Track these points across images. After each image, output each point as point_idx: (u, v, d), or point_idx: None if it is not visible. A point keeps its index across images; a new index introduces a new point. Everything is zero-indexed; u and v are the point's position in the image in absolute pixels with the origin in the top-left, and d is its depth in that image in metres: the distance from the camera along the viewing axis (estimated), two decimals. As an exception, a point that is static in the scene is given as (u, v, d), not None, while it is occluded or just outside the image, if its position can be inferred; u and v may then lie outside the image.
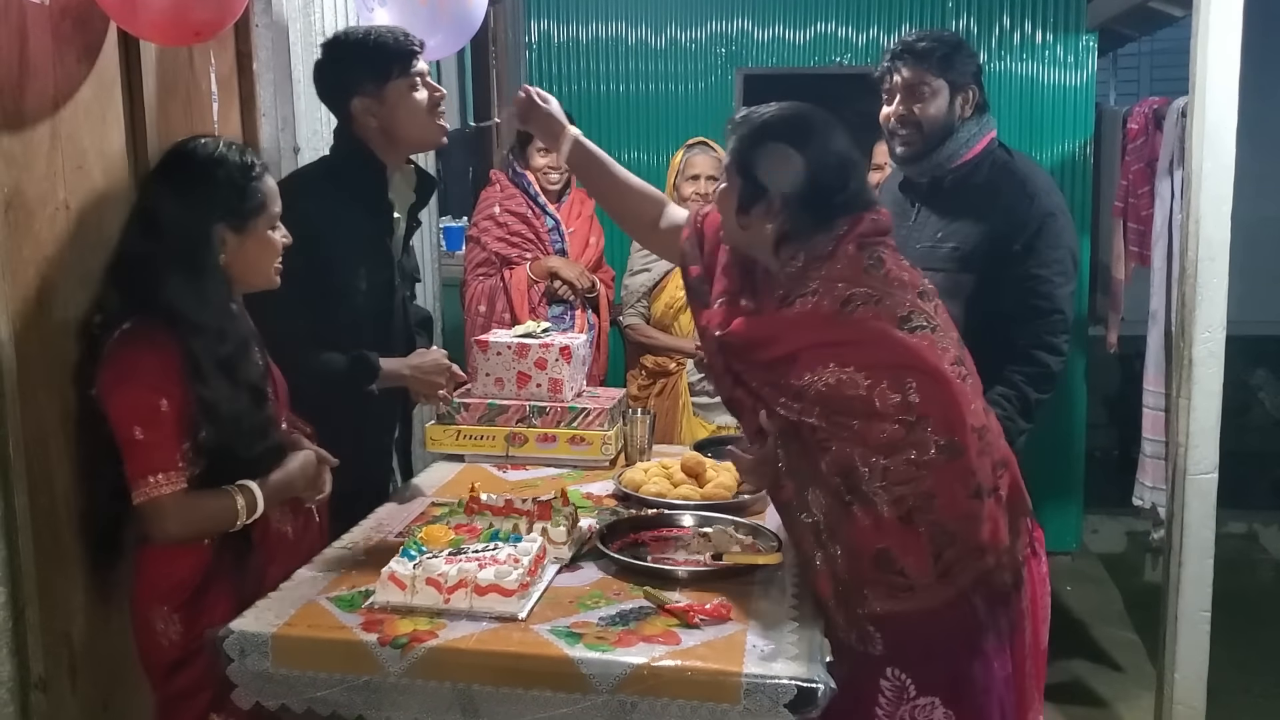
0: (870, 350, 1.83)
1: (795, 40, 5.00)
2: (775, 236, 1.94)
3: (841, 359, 1.82)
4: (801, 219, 1.92)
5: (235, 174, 1.94)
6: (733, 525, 2.17)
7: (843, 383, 1.81)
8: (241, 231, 1.96)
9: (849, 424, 1.81)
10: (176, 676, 1.90)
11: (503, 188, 3.82)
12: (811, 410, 1.84)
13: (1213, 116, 2.87)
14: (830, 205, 1.91)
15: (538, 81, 5.05)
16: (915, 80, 2.58)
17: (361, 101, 2.40)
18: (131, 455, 1.85)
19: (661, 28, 5.01)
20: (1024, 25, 4.84)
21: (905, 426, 1.79)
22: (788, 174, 1.91)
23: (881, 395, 1.80)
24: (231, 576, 1.94)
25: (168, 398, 1.84)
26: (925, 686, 1.81)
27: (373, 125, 2.41)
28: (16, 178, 1.94)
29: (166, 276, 1.88)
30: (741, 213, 1.97)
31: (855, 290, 1.86)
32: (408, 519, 2.31)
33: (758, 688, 1.59)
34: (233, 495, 1.91)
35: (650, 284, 3.78)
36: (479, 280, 3.79)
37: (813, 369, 1.84)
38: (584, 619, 1.79)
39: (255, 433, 1.96)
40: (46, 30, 2.02)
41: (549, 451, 2.70)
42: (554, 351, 2.76)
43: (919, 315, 1.86)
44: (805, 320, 1.87)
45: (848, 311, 1.84)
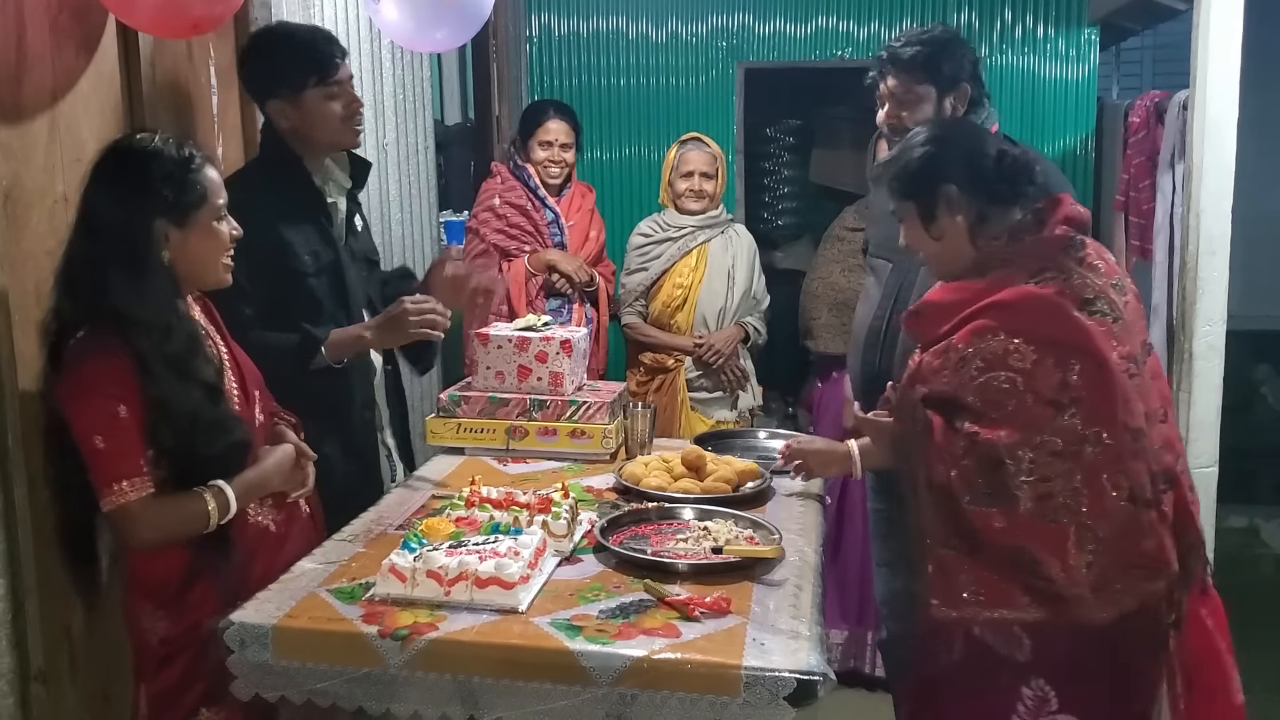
0: (1043, 324, 1.83)
1: (796, 34, 5.00)
2: (969, 225, 1.98)
3: (1012, 328, 1.84)
4: (982, 191, 1.96)
5: (172, 167, 1.88)
6: (733, 519, 2.17)
7: (1008, 353, 1.82)
8: (184, 226, 1.89)
9: (1004, 405, 1.81)
10: (165, 672, 1.89)
11: (503, 180, 3.82)
12: (970, 384, 1.84)
13: (1213, 110, 2.87)
14: (1002, 172, 1.96)
15: (538, 75, 5.05)
16: (900, 88, 2.58)
17: (277, 104, 2.41)
18: (96, 464, 1.81)
19: (662, 22, 5.01)
20: (1025, 19, 4.84)
21: (1056, 409, 1.78)
22: (945, 159, 1.99)
23: (1043, 371, 1.80)
24: (214, 573, 1.91)
25: (126, 404, 1.80)
26: (1069, 704, 1.80)
27: (285, 126, 2.43)
28: (15, 170, 1.94)
29: (110, 277, 1.82)
30: (929, 224, 2.02)
31: (1046, 266, 1.89)
32: (408, 512, 2.31)
33: (757, 680, 1.59)
34: (203, 497, 1.87)
35: (648, 283, 3.78)
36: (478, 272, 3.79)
37: (981, 335, 1.85)
38: (584, 611, 1.79)
39: (213, 429, 1.90)
40: (44, 23, 2.01)
41: (549, 445, 2.70)
42: (554, 345, 2.75)
43: (1104, 301, 1.85)
44: (990, 287, 1.90)
45: (1033, 281, 1.87)
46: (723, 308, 3.74)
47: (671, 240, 3.75)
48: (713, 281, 3.74)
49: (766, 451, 2.76)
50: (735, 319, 3.77)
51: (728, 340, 3.72)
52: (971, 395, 1.85)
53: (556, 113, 3.82)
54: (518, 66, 5.02)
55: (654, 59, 5.03)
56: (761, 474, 2.44)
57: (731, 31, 5.01)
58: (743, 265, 3.79)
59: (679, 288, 3.74)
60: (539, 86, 5.05)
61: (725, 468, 2.43)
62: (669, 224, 3.77)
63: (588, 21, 5.03)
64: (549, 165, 3.79)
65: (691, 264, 3.75)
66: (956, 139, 2.06)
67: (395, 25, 3.05)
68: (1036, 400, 1.80)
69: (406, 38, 3.13)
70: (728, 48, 5.01)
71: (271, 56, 2.41)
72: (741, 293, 3.78)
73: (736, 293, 3.77)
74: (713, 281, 3.74)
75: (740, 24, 5.00)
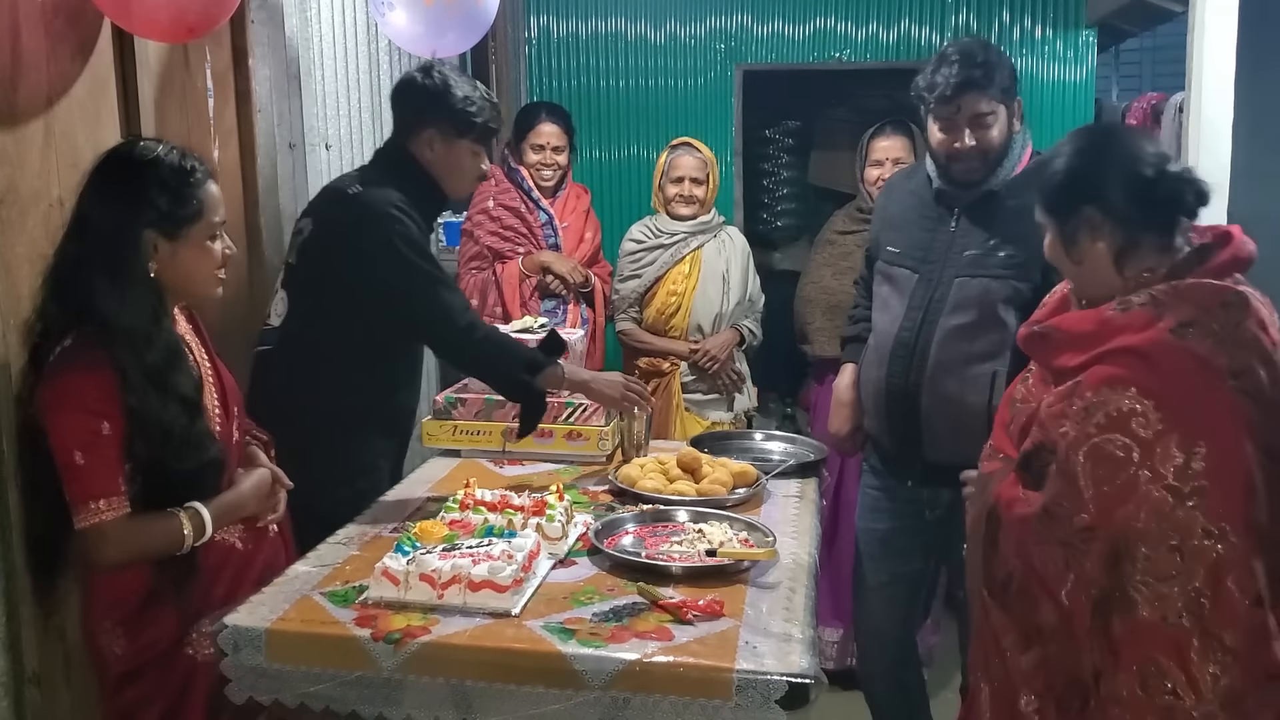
0: (1180, 388, 1.61)
1: (795, 36, 5.00)
2: (1114, 252, 1.76)
3: (1144, 384, 1.61)
4: (1130, 217, 1.74)
5: (169, 178, 1.85)
6: (728, 521, 2.17)
7: (1134, 414, 1.61)
8: (175, 239, 1.87)
9: (1113, 478, 1.61)
10: (125, 690, 1.87)
11: (497, 182, 3.82)
12: (1085, 442, 1.64)
13: (1208, 112, 2.87)
14: (1158, 195, 1.73)
15: (537, 77, 5.05)
16: (983, 110, 2.46)
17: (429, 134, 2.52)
18: (71, 480, 1.78)
19: (661, 23, 5.01)
20: (1023, 20, 4.84)
21: (1174, 496, 1.57)
22: (1091, 176, 1.78)
23: (1165, 447, 1.58)
24: (175, 592, 1.88)
25: (109, 420, 1.78)
26: None
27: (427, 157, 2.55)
28: (10, 175, 1.94)
29: (94, 283, 1.80)
30: (1071, 247, 1.81)
31: (1196, 319, 1.63)
32: (402, 514, 2.31)
33: (750, 684, 1.59)
34: (179, 518, 1.85)
35: (642, 289, 3.77)
36: (471, 274, 3.79)
37: (1110, 384, 1.64)
38: (577, 615, 1.79)
39: (188, 445, 1.87)
40: (39, 26, 2.01)
41: (545, 447, 2.70)
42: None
43: (1250, 379, 1.60)
44: (1129, 324, 1.67)
45: (1178, 334, 1.62)
46: (718, 313, 3.73)
47: (664, 247, 3.74)
48: (707, 287, 3.73)
49: (762, 453, 2.77)
50: (730, 322, 3.77)
51: (724, 345, 3.72)
52: (1085, 454, 1.64)
53: (549, 115, 3.82)
54: (516, 68, 5.03)
55: (652, 61, 5.03)
56: (757, 476, 2.44)
57: (730, 33, 5.01)
58: (737, 269, 3.79)
59: (673, 295, 3.73)
60: (538, 88, 5.05)
61: (721, 470, 2.43)
62: (661, 230, 3.76)
63: (586, 23, 5.03)
64: (541, 168, 3.79)
65: (685, 270, 3.73)
66: (1108, 152, 1.80)
67: (403, 31, 3.06)
68: (1154, 480, 1.59)
69: (413, 43, 3.15)
70: (726, 49, 5.01)
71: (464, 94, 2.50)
72: (736, 297, 3.77)
73: (731, 297, 3.76)
74: (707, 287, 3.73)
75: (738, 26, 5.00)
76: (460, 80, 2.53)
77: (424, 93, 2.52)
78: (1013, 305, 2.44)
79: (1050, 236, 1.87)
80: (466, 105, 2.50)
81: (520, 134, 3.83)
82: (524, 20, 5.03)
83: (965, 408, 2.45)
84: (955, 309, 2.50)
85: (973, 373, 2.47)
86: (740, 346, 3.80)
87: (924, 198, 2.66)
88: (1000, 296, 2.46)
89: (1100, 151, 1.82)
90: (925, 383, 2.52)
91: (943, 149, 2.54)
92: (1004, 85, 2.48)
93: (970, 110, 2.46)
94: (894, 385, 2.57)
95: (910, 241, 2.63)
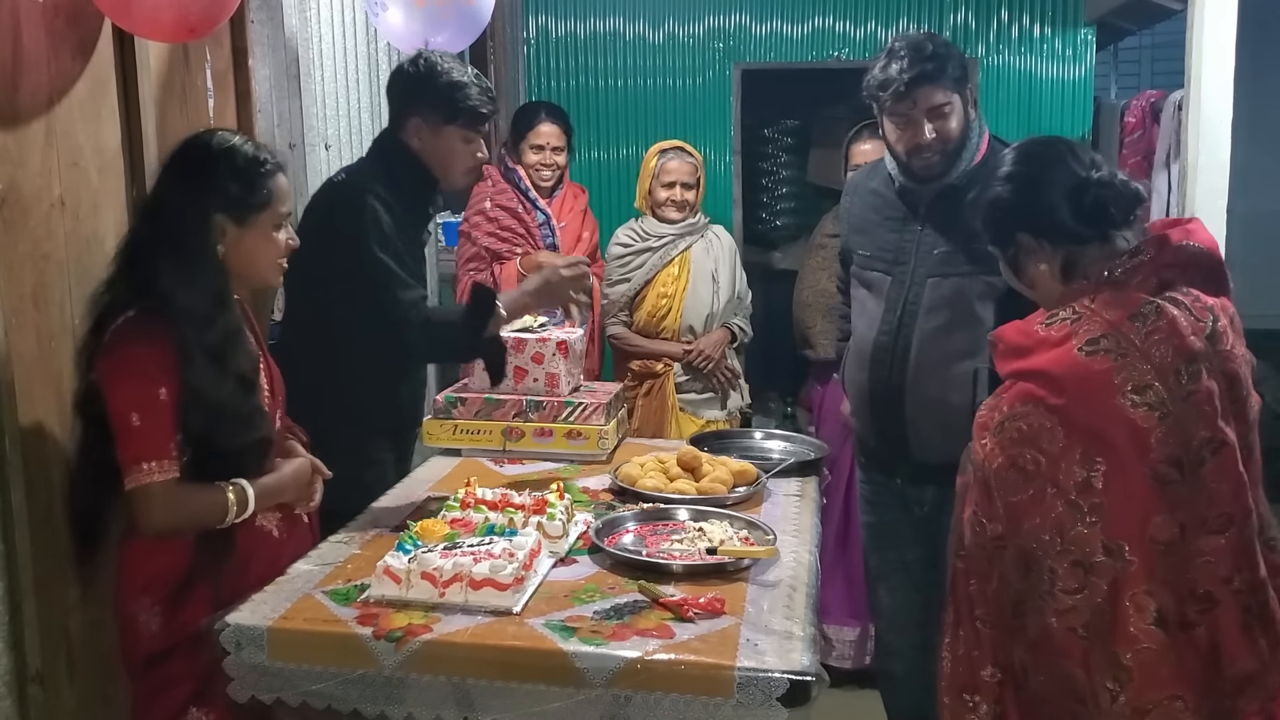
0: (1079, 407, 1.67)
1: (793, 35, 4.99)
2: (1057, 270, 1.82)
3: (1052, 401, 1.68)
4: (1062, 237, 1.80)
5: (242, 166, 1.94)
6: (728, 519, 2.17)
7: (1043, 430, 1.68)
8: (243, 224, 1.95)
9: (1023, 489, 1.68)
10: (155, 669, 1.90)
11: (494, 182, 3.82)
12: (999, 454, 1.72)
13: (1208, 110, 2.88)
14: (1083, 211, 1.78)
15: (535, 77, 5.05)
16: (939, 101, 2.46)
17: (417, 123, 2.49)
18: (126, 441, 1.84)
19: (659, 23, 5.01)
20: (1022, 19, 4.84)
21: (1076, 512, 1.64)
22: (1016, 205, 1.85)
23: (1068, 464, 1.65)
24: (213, 572, 1.93)
25: (166, 387, 1.85)
26: None
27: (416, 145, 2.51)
28: (11, 174, 1.94)
29: (163, 261, 1.88)
30: (1019, 273, 1.89)
31: (1107, 334, 1.69)
32: (404, 513, 2.31)
33: (751, 681, 1.59)
34: (225, 491, 1.91)
35: (631, 293, 3.77)
36: (469, 275, 3.79)
37: (1024, 399, 1.71)
38: (578, 613, 1.79)
39: (240, 422, 1.94)
40: (40, 27, 2.02)
41: (546, 446, 2.70)
42: (550, 346, 2.76)
43: (1157, 391, 1.64)
44: (1045, 341, 1.74)
45: (1085, 351, 1.68)
46: (710, 313, 3.74)
47: (651, 250, 3.73)
48: (698, 287, 3.73)
49: (763, 452, 2.77)
50: (721, 321, 3.77)
51: (716, 344, 3.73)
52: (998, 466, 1.72)
53: (548, 115, 3.81)
54: (515, 68, 5.03)
55: (651, 60, 5.03)
56: (757, 475, 2.44)
57: (728, 33, 5.00)
58: (725, 268, 3.79)
59: (664, 297, 3.72)
60: (536, 88, 5.05)
61: (721, 468, 2.44)
62: (648, 233, 3.76)
63: (584, 23, 5.02)
64: (540, 169, 3.79)
65: (674, 273, 3.73)
66: (1031, 177, 1.84)
67: (399, 29, 3.07)
68: (1058, 494, 1.65)
69: (410, 42, 3.15)
70: (724, 49, 5.01)
71: (449, 80, 2.47)
72: (726, 295, 3.77)
73: (722, 296, 3.76)
74: (698, 287, 3.73)
75: (737, 25, 5.00)
76: (450, 66, 2.50)
77: (409, 79, 2.51)
78: (988, 299, 2.45)
79: (1004, 268, 1.95)
80: (452, 91, 2.46)
81: (519, 134, 3.83)
82: (522, 20, 5.03)
83: (949, 407, 2.46)
84: (931, 310, 2.52)
85: (954, 372, 2.49)
86: (732, 344, 3.81)
87: (887, 197, 2.66)
88: (974, 293, 2.47)
89: (1024, 178, 1.86)
90: (908, 385, 2.53)
91: (902, 145, 2.53)
92: (956, 75, 2.48)
93: (926, 103, 2.46)
94: (876, 388, 2.59)
95: (879, 243, 2.63)
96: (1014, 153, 1.94)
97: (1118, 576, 1.62)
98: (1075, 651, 1.65)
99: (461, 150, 2.53)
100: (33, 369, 2.01)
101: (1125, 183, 1.81)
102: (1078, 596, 1.64)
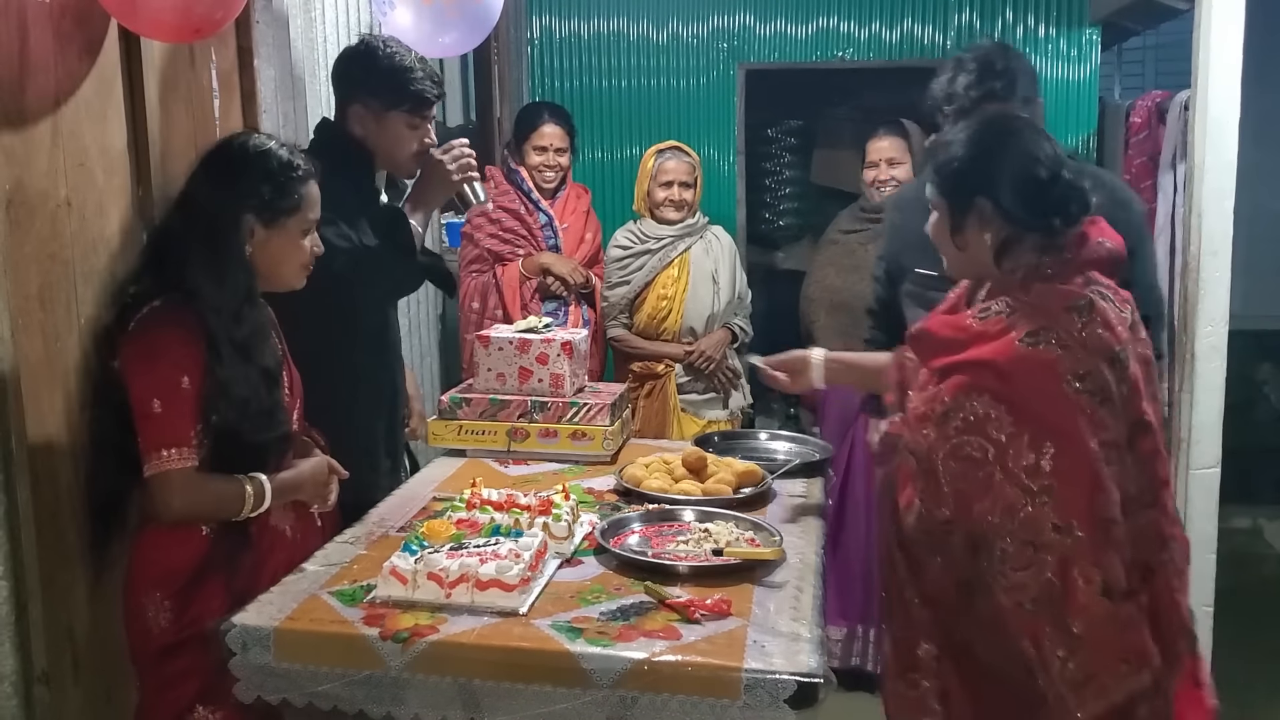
0: (1028, 395, 1.73)
1: (797, 35, 4.99)
2: (995, 246, 1.86)
3: (996, 391, 1.74)
4: (1016, 217, 1.83)
5: (275, 169, 1.98)
6: (734, 521, 2.17)
7: (989, 419, 1.73)
8: (270, 226, 1.99)
9: (973, 475, 1.73)
10: (164, 664, 1.91)
11: (497, 184, 3.82)
12: (944, 444, 1.76)
13: (1215, 110, 2.87)
14: (1050, 199, 1.82)
15: (539, 77, 5.06)
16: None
17: (359, 110, 2.48)
18: (146, 428, 1.87)
19: (663, 23, 5.01)
20: (1026, 19, 4.84)
21: (1026, 495, 1.71)
22: (990, 168, 1.86)
23: (1016, 449, 1.71)
24: (226, 568, 1.95)
25: (189, 376, 1.88)
26: None
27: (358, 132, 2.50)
28: (17, 175, 1.94)
29: (193, 255, 1.92)
30: (957, 232, 1.90)
31: (1045, 326, 1.75)
32: (409, 514, 2.31)
33: (758, 683, 1.59)
34: (242, 483, 1.94)
35: (631, 296, 3.77)
36: (472, 277, 3.79)
37: (966, 391, 1.76)
38: (585, 614, 1.79)
39: (263, 417, 1.98)
40: (47, 27, 2.02)
41: (550, 447, 2.70)
42: (555, 347, 2.76)
43: (1095, 379, 1.73)
44: (983, 335, 1.79)
45: (1028, 343, 1.75)
46: (710, 313, 3.74)
47: (651, 252, 3.73)
48: (698, 289, 3.73)
49: (768, 453, 2.77)
50: (722, 322, 3.77)
51: (717, 345, 3.73)
52: (944, 455, 1.77)
53: (551, 117, 3.81)
54: (519, 69, 5.03)
55: (655, 60, 5.03)
56: (762, 476, 2.44)
57: (732, 33, 5.00)
58: (725, 268, 3.79)
59: (664, 299, 3.72)
60: (540, 88, 5.05)
61: (726, 470, 2.44)
62: (647, 234, 3.76)
63: (588, 23, 5.03)
64: (543, 170, 3.79)
65: (674, 274, 3.73)
66: (1013, 149, 1.86)
67: (406, 30, 3.06)
68: (1006, 478, 1.72)
69: (416, 42, 3.15)
70: (729, 49, 5.01)
71: (392, 64, 2.45)
72: (727, 296, 3.77)
73: (722, 297, 3.76)
74: (698, 289, 3.73)
75: (741, 25, 5.00)
76: (394, 50, 2.47)
77: (351, 63, 2.49)
78: None
79: (938, 216, 1.95)
80: (396, 75, 2.43)
81: (521, 135, 3.83)
82: (526, 20, 5.03)
83: None
84: None
85: None
86: (733, 344, 3.81)
87: None
88: None
89: (1005, 147, 1.87)
90: None
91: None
92: (1026, 93, 2.41)
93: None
94: None
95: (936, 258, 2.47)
96: (996, 121, 1.97)
97: (1066, 553, 1.70)
98: (1025, 625, 1.71)
99: (407, 136, 2.49)
100: (39, 369, 2.01)
101: (1085, 188, 1.88)
102: (1026, 573, 1.71)
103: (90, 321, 2.10)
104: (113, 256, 2.19)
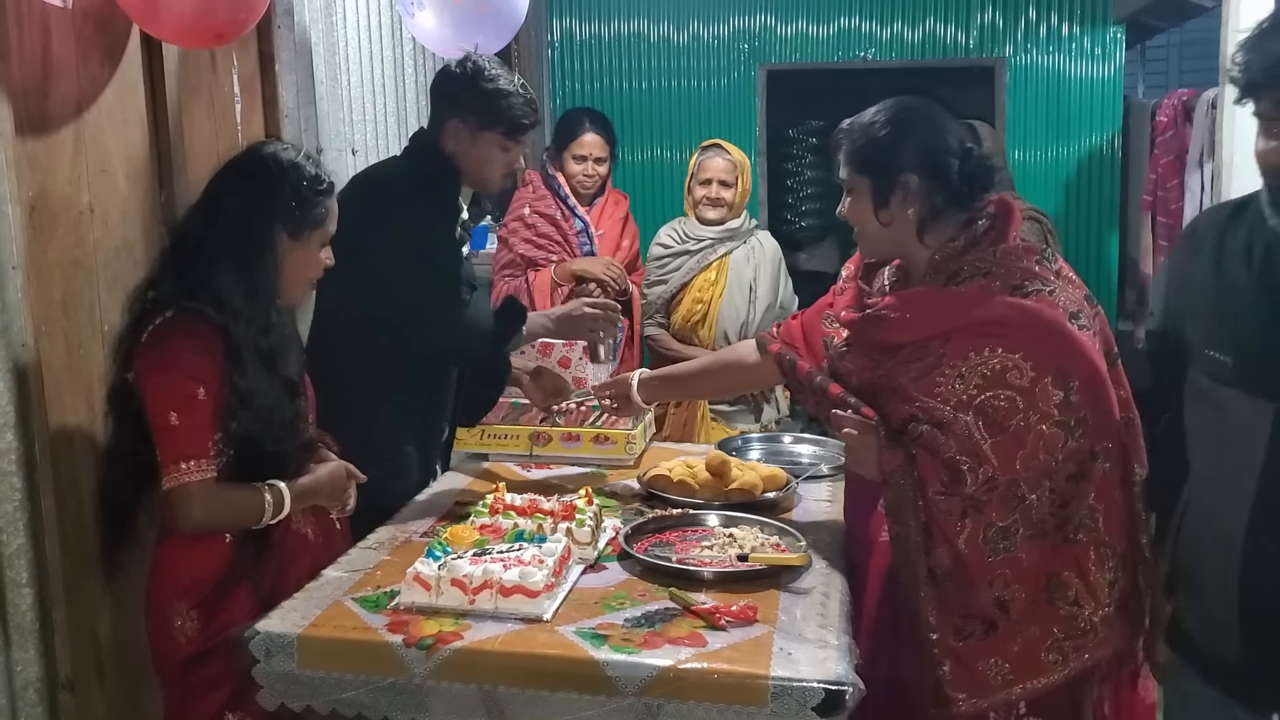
0: (1040, 339, 1.77)
1: (818, 35, 4.98)
2: (919, 220, 1.89)
3: (1008, 342, 1.77)
4: (941, 192, 1.87)
5: (307, 182, 1.97)
6: (759, 525, 2.15)
7: (1007, 369, 1.76)
8: (295, 239, 1.97)
9: (1006, 425, 1.74)
10: (192, 673, 1.90)
11: (534, 189, 3.80)
12: (969, 405, 1.77)
13: (1243, 108, 2.83)
14: (965, 174, 1.87)
15: (560, 79, 5.06)
16: None
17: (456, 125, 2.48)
18: (164, 440, 1.85)
19: (684, 24, 5.00)
20: (1050, 18, 4.80)
21: (1064, 430, 1.74)
22: (912, 144, 1.88)
23: (1044, 390, 1.74)
24: (251, 575, 1.94)
25: (205, 386, 1.86)
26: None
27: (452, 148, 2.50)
28: (40, 181, 1.95)
29: (223, 264, 1.90)
30: (881, 208, 1.91)
31: (1027, 278, 1.82)
32: (432, 519, 2.30)
33: (785, 691, 1.57)
34: (261, 492, 1.92)
35: (668, 295, 3.73)
36: (504, 281, 3.77)
37: (977, 349, 1.78)
38: (609, 620, 1.78)
39: (285, 427, 1.97)
40: (69, 34, 2.02)
41: (573, 451, 2.69)
42: (578, 350, 2.74)
43: (1085, 315, 1.81)
44: (973, 297, 1.82)
45: (1018, 294, 1.80)
46: (744, 321, 3.69)
47: (689, 253, 3.69)
48: (733, 296, 3.68)
49: (792, 457, 2.75)
50: (759, 329, 3.72)
51: None
52: (972, 414, 1.76)
53: (592, 125, 3.76)
54: (539, 71, 5.03)
55: (675, 62, 5.02)
56: (787, 480, 2.42)
57: (753, 33, 4.99)
58: (766, 276, 3.73)
59: (699, 302, 3.69)
60: (560, 90, 5.05)
61: (750, 473, 2.41)
62: (688, 235, 3.72)
63: (609, 25, 5.02)
64: (583, 179, 3.76)
65: (711, 278, 3.68)
66: (928, 124, 1.91)
67: (432, 33, 3.06)
68: (1042, 419, 1.74)
69: (442, 45, 3.15)
70: (749, 50, 5.00)
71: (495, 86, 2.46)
72: (765, 305, 3.71)
73: (759, 306, 3.70)
74: (733, 296, 3.68)
75: (762, 25, 4.99)
76: (497, 73, 2.49)
77: (454, 81, 2.50)
78: None
79: (857, 196, 1.95)
80: (496, 98, 2.45)
81: (561, 143, 3.80)
82: (546, 23, 5.03)
83: None
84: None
85: None
86: None
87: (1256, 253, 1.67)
88: None
89: (926, 124, 1.91)
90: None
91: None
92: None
93: None
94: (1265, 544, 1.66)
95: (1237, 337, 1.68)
96: (911, 101, 1.97)
97: (1107, 475, 1.77)
98: (1069, 558, 1.76)
99: (498, 158, 2.52)
100: (62, 376, 2.01)
101: (994, 162, 1.95)
102: (1072, 506, 1.76)
103: (114, 328, 2.10)
104: (136, 263, 2.19)
